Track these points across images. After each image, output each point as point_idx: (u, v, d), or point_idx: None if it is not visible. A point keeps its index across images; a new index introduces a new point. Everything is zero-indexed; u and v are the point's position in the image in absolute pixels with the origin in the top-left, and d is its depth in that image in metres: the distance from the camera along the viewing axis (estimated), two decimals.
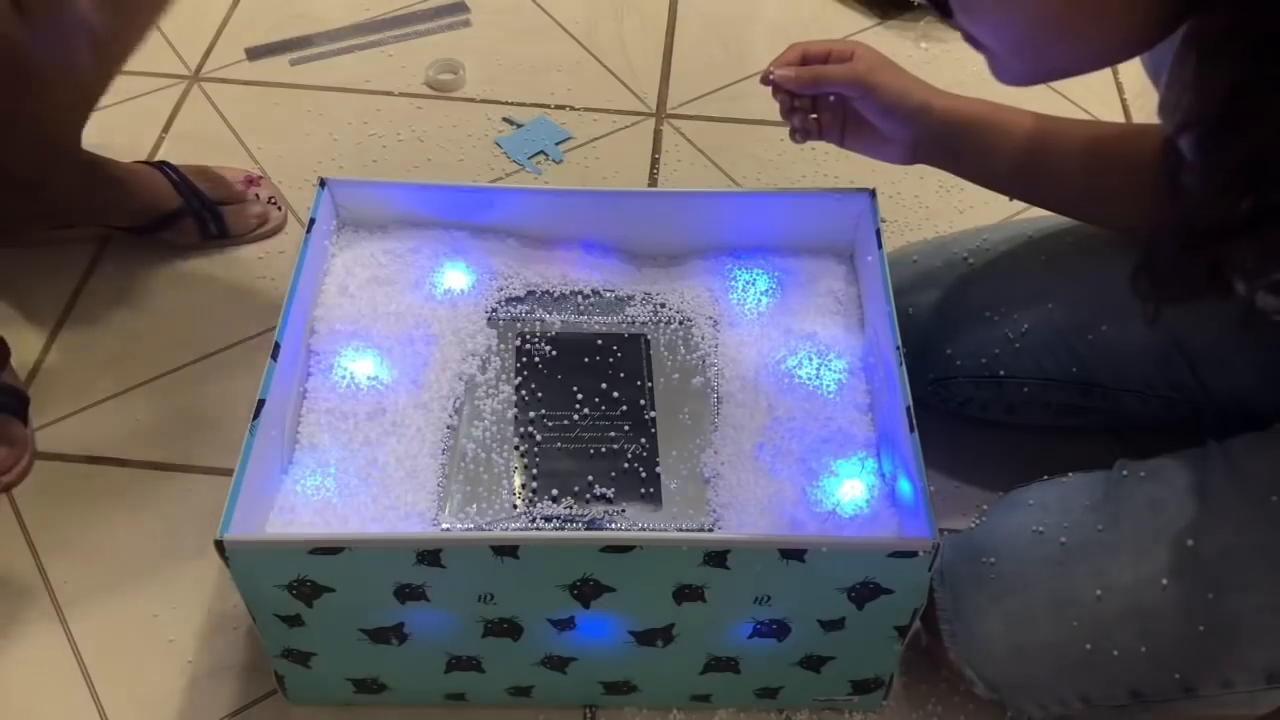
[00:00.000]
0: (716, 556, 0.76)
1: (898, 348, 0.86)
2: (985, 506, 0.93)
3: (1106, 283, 0.96)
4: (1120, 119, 1.42)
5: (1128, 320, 0.95)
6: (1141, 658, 0.80)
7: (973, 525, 0.90)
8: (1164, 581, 0.79)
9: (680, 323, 0.98)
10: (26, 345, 1.13)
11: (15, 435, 1.05)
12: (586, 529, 0.85)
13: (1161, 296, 0.71)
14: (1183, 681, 0.80)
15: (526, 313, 0.99)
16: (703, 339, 0.97)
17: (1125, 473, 0.86)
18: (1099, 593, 0.80)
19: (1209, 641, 0.78)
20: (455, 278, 0.99)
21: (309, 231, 0.93)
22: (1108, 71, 1.49)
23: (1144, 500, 0.83)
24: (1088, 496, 0.85)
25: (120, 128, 1.32)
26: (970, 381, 1.01)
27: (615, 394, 0.93)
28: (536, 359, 0.95)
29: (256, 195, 1.24)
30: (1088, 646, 0.81)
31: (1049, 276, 0.98)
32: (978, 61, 0.77)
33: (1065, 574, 0.82)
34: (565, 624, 0.81)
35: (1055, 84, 1.46)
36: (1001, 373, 0.99)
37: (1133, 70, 1.53)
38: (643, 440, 0.91)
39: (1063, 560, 0.82)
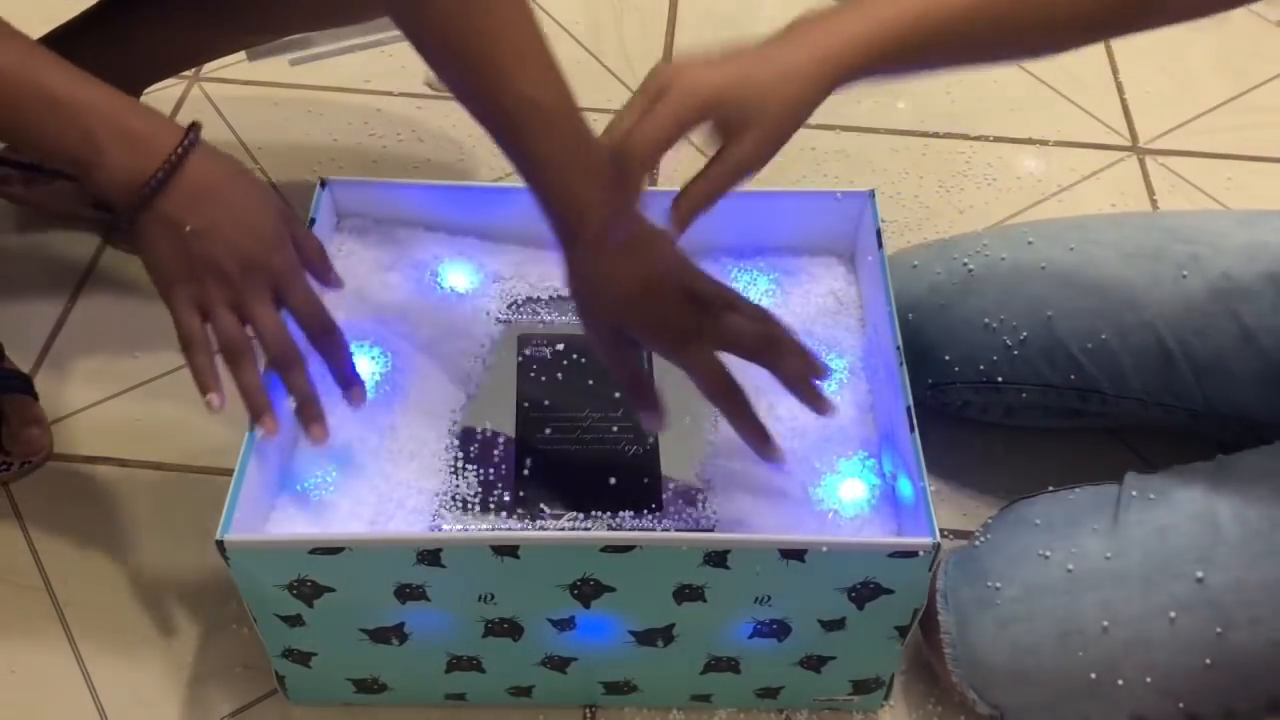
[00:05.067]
0: (717, 556, 0.76)
1: (898, 347, 0.86)
2: (989, 518, 0.91)
3: (1106, 290, 0.96)
4: (1120, 119, 1.42)
5: (1128, 329, 0.95)
6: (1146, 688, 0.80)
7: (975, 541, 0.89)
8: (1172, 614, 0.79)
9: None
10: (27, 345, 1.13)
11: (39, 414, 1.06)
12: (587, 529, 0.85)
13: None
14: (1186, 710, 0.80)
15: (528, 313, 0.99)
16: None
17: (1134, 493, 0.85)
18: (1106, 624, 0.80)
19: (1215, 674, 0.78)
20: (456, 278, 0.99)
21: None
22: (1108, 72, 1.49)
23: (1153, 527, 0.82)
24: (1095, 519, 0.85)
25: None
26: (969, 387, 1.01)
27: (616, 394, 0.93)
28: (537, 359, 0.95)
29: None
30: (1092, 675, 0.80)
31: (1048, 284, 0.97)
32: None
33: (1072, 603, 0.81)
34: (565, 624, 0.81)
35: (1056, 87, 1.46)
36: (1000, 379, 0.99)
37: (1132, 71, 1.54)
38: (644, 440, 0.91)
39: (1070, 589, 0.82)
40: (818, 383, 0.81)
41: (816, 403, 0.81)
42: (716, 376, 0.81)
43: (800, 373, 0.81)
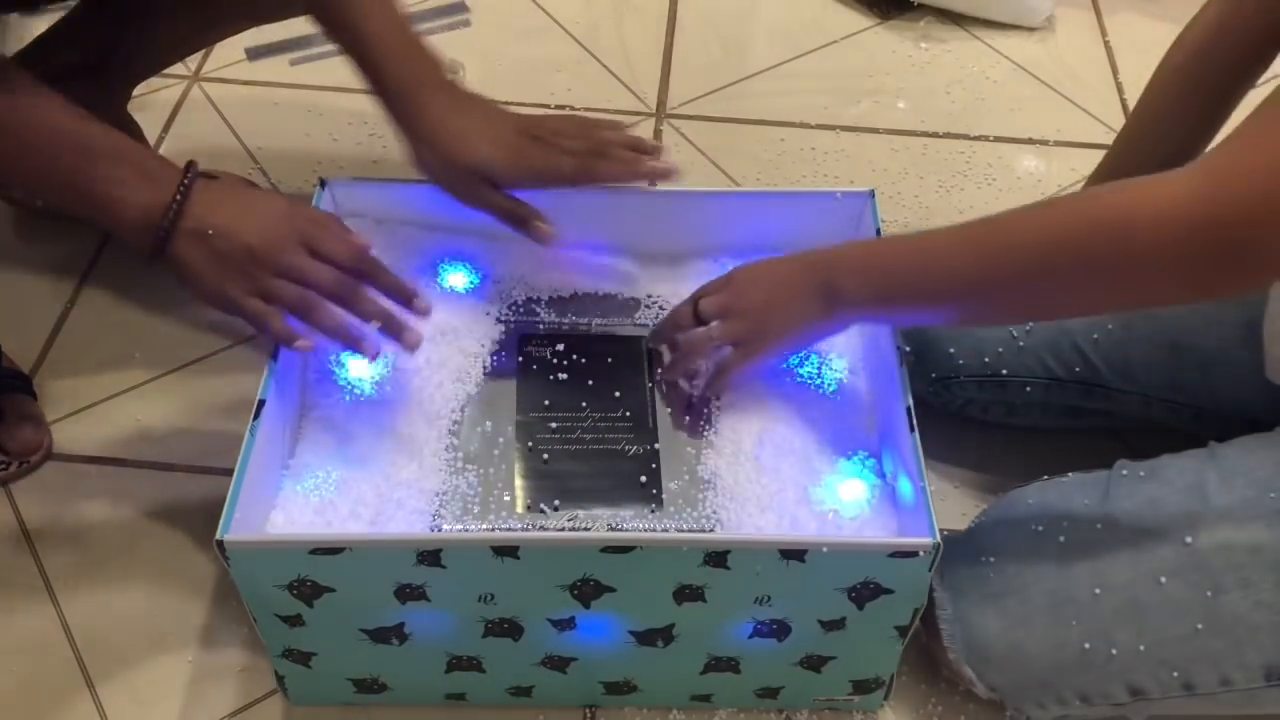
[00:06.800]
0: (717, 557, 0.76)
1: (898, 347, 0.86)
2: (985, 508, 0.92)
3: None
4: (1120, 119, 1.42)
5: (1134, 320, 0.95)
6: (1140, 656, 0.80)
7: (972, 525, 0.90)
8: (1162, 579, 0.79)
9: None
10: (27, 346, 1.13)
11: (38, 414, 1.06)
12: (587, 530, 0.85)
13: None
14: (1181, 679, 0.80)
15: (528, 314, 0.99)
16: None
17: (1125, 472, 0.86)
18: (1097, 591, 0.81)
19: (1207, 639, 0.79)
20: (456, 278, 0.99)
21: None
22: (1108, 72, 1.49)
23: (1143, 499, 0.83)
24: (1087, 495, 0.85)
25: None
26: (973, 381, 1.01)
27: (616, 394, 0.93)
28: (538, 360, 0.95)
29: None
30: (1086, 645, 0.81)
31: None
32: (978, 61, 0.77)
33: (1064, 572, 0.82)
34: (565, 624, 0.81)
35: (1056, 87, 1.46)
36: (1004, 372, 0.99)
37: (1132, 71, 1.54)
38: (644, 440, 0.91)
39: (1061, 558, 0.82)
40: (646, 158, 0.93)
41: (643, 174, 0.93)
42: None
43: (619, 175, 0.92)
